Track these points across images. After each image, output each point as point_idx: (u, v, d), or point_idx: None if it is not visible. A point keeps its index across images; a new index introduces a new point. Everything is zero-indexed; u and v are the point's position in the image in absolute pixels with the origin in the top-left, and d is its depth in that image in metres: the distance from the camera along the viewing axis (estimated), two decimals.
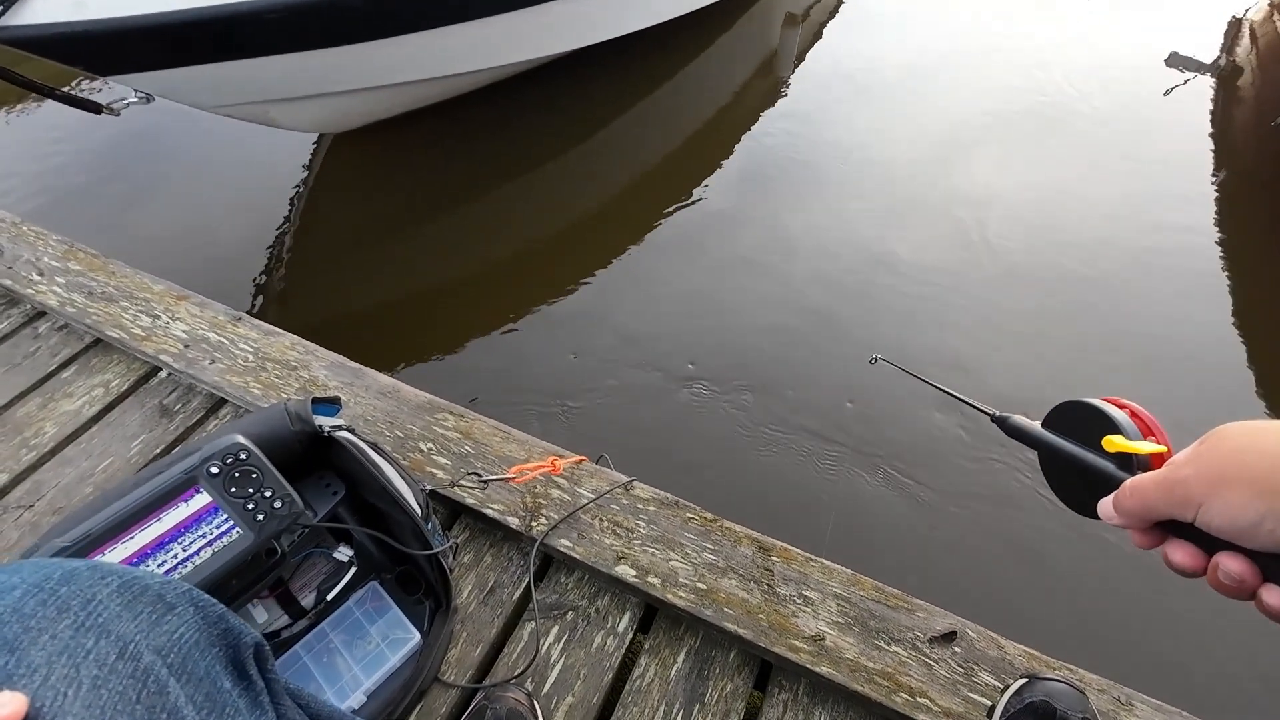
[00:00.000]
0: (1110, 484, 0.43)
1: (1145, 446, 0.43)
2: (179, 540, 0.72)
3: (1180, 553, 0.39)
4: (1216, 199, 2.57)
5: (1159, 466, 0.41)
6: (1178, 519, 0.38)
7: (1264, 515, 0.34)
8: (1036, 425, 0.50)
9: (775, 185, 2.65)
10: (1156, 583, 1.48)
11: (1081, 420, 0.46)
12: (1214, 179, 2.68)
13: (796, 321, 2.06)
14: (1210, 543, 0.37)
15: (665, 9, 3.22)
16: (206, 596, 0.49)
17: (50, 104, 2.08)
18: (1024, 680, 0.82)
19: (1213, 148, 2.85)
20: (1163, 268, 2.27)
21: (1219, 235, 2.42)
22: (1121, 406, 0.45)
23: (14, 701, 0.34)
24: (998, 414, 0.53)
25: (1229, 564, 0.36)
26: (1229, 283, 2.23)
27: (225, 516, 0.74)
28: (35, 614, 0.38)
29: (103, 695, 0.38)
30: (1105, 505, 0.43)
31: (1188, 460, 0.38)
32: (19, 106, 3.06)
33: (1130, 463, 0.43)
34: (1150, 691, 0.86)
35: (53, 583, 0.41)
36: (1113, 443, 0.44)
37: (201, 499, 0.74)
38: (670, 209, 2.51)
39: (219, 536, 0.73)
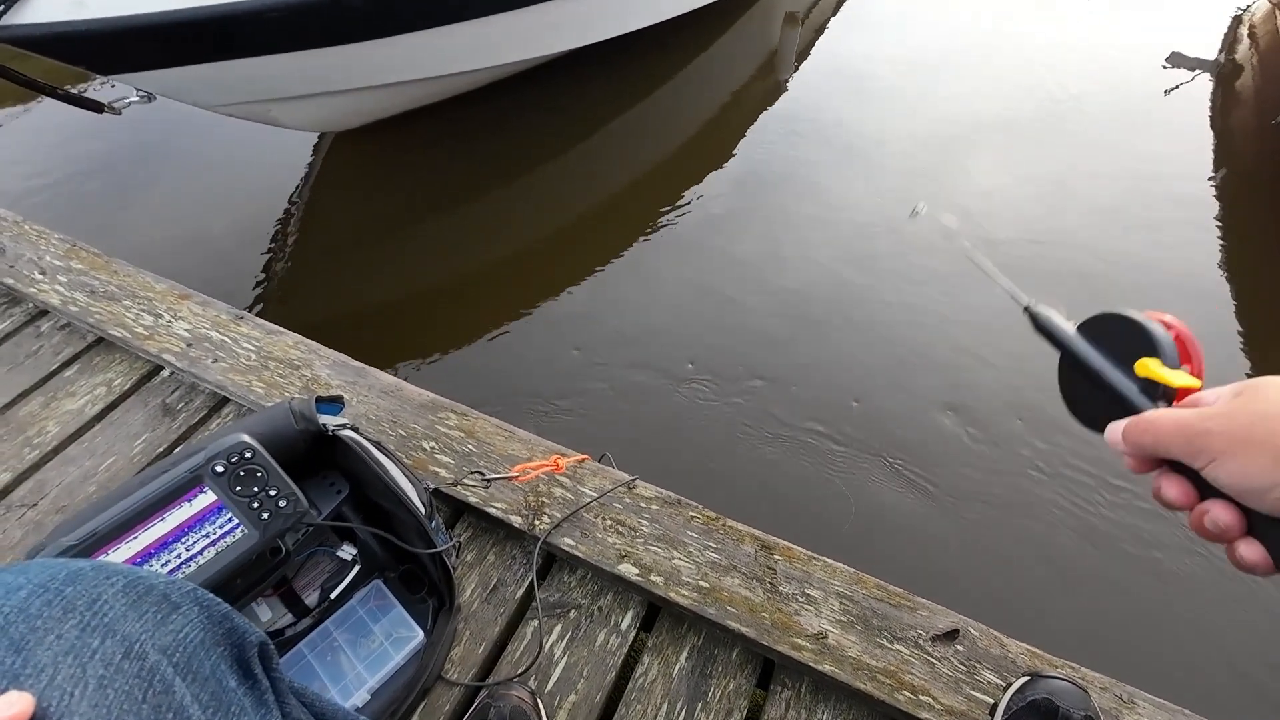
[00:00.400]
0: (1129, 409, 0.41)
1: (1177, 379, 0.40)
2: (183, 540, 0.72)
3: (1175, 489, 0.38)
4: (1216, 199, 2.57)
5: (1181, 400, 0.40)
6: (1185, 463, 0.37)
7: (1277, 484, 0.33)
8: (1070, 328, 0.47)
9: (776, 185, 2.65)
10: (1158, 581, 1.48)
11: (1119, 334, 0.43)
12: (1214, 179, 2.68)
13: (799, 320, 2.06)
14: (1206, 486, 0.37)
15: (665, 8, 3.22)
16: (211, 596, 0.49)
17: (51, 103, 2.07)
18: (1026, 678, 0.82)
19: (1213, 147, 2.85)
20: (1163, 267, 2.27)
21: (1219, 235, 2.42)
22: (1169, 327, 0.42)
23: (21, 701, 0.34)
24: (1032, 304, 0.49)
25: (1220, 513, 0.36)
26: (1229, 283, 2.23)
27: (229, 515, 0.74)
28: (41, 614, 0.39)
29: (109, 695, 0.38)
30: (1114, 430, 0.41)
31: (1217, 414, 0.36)
32: (20, 106, 3.06)
33: (1156, 390, 0.41)
34: (1152, 690, 0.86)
35: (58, 583, 0.41)
36: (1146, 367, 0.41)
37: (206, 498, 0.74)
38: (671, 209, 2.51)
39: (223, 535, 0.74)
